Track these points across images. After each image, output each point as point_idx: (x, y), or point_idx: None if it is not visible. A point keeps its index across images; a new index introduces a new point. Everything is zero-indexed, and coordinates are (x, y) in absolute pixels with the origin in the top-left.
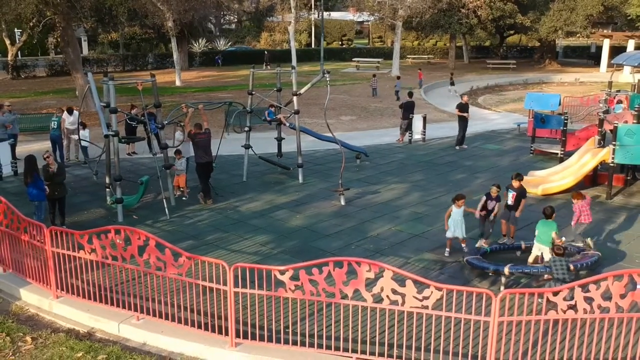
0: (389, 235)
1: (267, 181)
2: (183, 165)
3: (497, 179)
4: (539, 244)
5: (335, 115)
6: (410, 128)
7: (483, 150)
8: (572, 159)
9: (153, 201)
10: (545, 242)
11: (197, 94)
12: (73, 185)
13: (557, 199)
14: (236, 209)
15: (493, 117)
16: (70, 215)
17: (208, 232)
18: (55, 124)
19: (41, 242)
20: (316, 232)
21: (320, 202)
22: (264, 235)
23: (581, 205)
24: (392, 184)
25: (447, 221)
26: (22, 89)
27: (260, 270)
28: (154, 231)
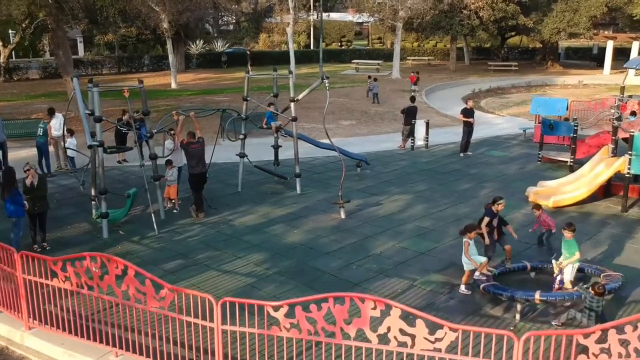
0: (392, 254)
1: (263, 191)
2: (174, 175)
3: (504, 189)
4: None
5: (334, 120)
6: (412, 134)
7: (488, 158)
8: (585, 168)
9: (141, 214)
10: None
11: (192, 97)
12: (58, 196)
13: (570, 211)
14: (229, 223)
15: (497, 122)
16: (53, 230)
17: (199, 249)
18: (41, 131)
19: (11, 267)
20: (314, 249)
21: (319, 215)
22: (259, 254)
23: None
24: (395, 195)
25: (472, 258)
26: (14, 92)
27: (251, 305)
28: (141, 248)
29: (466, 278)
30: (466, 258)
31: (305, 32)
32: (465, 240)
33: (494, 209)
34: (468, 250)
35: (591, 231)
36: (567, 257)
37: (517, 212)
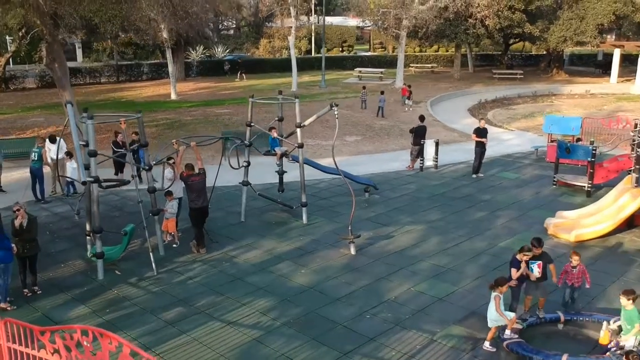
0: (408, 299)
1: (267, 221)
2: (174, 208)
3: (521, 220)
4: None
5: (339, 135)
6: (421, 154)
7: (501, 180)
8: (608, 199)
9: (139, 249)
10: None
11: (192, 110)
12: (52, 226)
13: (592, 245)
14: (233, 261)
15: (507, 137)
16: (45, 269)
17: (200, 294)
18: (36, 156)
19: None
20: (324, 293)
21: (327, 251)
22: (265, 299)
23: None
24: (406, 225)
25: (504, 314)
26: (10, 104)
27: None
28: (138, 292)
29: (492, 335)
30: (496, 314)
31: (306, 37)
32: (496, 295)
33: (518, 257)
34: (500, 306)
35: (617, 271)
36: (628, 329)
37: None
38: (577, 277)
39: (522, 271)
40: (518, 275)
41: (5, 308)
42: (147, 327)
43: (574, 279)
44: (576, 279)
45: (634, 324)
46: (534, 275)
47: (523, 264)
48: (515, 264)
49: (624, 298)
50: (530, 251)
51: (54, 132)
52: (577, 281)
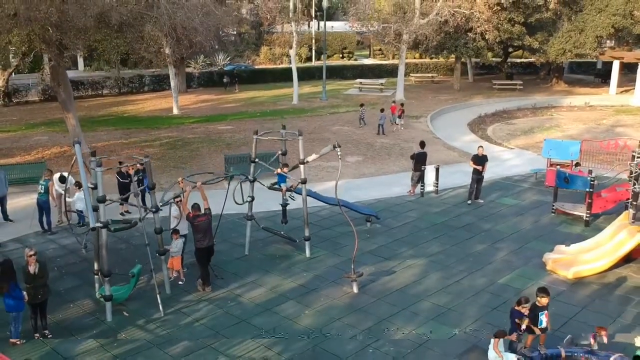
0: (410, 341)
1: (270, 254)
2: (179, 246)
3: (520, 253)
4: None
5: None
6: (422, 180)
7: (500, 207)
8: (605, 234)
9: (146, 286)
10: None
11: (194, 126)
12: (59, 262)
13: (590, 282)
14: (238, 300)
15: (506, 157)
16: (55, 310)
17: (206, 337)
18: (43, 188)
19: None
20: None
21: (330, 289)
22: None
23: None
24: (408, 260)
25: (503, 354)
26: (13, 120)
27: None
28: (145, 336)
29: None
30: (494, 353)
31: (307, 45)
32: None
33: (517, 309)
34: (497, 345)
35: (614, 311)
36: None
37: (534, 284)
38: None
39: (526, 324)
40: (524, 326)
41: (15, 343)
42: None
43: None
44: None
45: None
46: (541, 327)
47: (525, 321)
48: (517, 315)
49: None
50: (527, 302)
51: (61, 168)
52: None
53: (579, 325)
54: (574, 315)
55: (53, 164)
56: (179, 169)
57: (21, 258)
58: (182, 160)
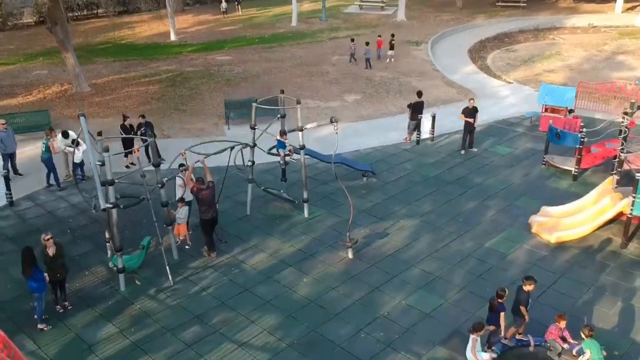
0: (399, 315)
1: (270, 214)
2: (185, 214)
3: (508, 211)
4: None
5: (339, 93)
6: (418, 128)
7: (493, 158)
8: (588, 198)
9: (155, 252)
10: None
11: (193, 57)
12: (71, 223)
13: (571, 247)
14: (241, 266)
15: (504, 93)
16: (71, 277)
17: (214, 309)
18: (44, 147)
19: None
20: (324, 308)
21: (327, 254)
22: (272, 316)
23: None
24: (401, 220)
25: (477, 356)
26: (10, 49)
27: None
28: (157, 307)
29: None
30: (471, 354)
31: None
32: (474, 338)
33: (525, 289)
34: (475, 348)
35: (589, 279)
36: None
37: (518, 249)
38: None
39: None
40: (525, 308)
41: (42, 329)
42: (170, 349)
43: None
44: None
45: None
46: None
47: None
48: (523, 297)
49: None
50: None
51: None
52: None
53: (555, 296)
54: (552, 283)
55: (55, 105)
56: (179, 111)
57: (33, 219)
58: (182, 101)
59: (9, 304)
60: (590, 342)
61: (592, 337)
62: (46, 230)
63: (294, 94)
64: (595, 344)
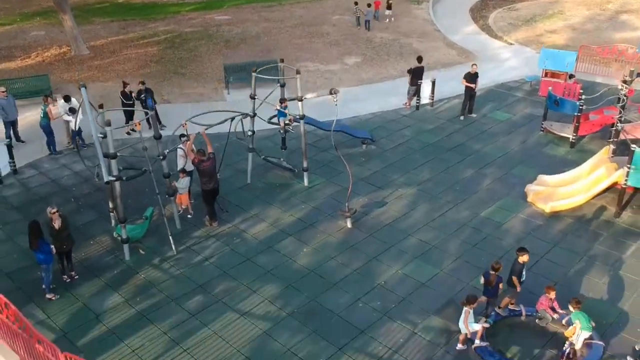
0: (395, 284)
1: (271, 182)
2: (186, 183)
3: (505, 180)
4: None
5: (339, 55)
6: (418, 94)
7: (492, 124)
8: (584, 167)
9: (158, 221)
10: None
11: (191, 16)
12: (75, 192)
13: (566, 216)
14: (242, 236)
15: (504, 56)
16: (77, 247)
17: (216, 279)
18: (42, 113)
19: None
20: (324, 278)
21: (326, 224)
22: (272, 285)
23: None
24: (399, 189)
25: (470, 327)
26: (6, 8)
27: None
28: (162, 277)
29: (462, 338)
30: (463, 325)
31: None
32: (467, 310)
33: (520, 260)
34: (467, 319)
35: (582, 248)
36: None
37: (514, 218)
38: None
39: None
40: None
41: (50, 298)
42: (174, 318)
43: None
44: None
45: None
46: (522, 280)
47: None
48: (518, 267)
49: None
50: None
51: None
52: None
53: (548, 265)
54: (546, 253)
55: (54, 69)
56: (179, 75)
57: (37, 187)
58: (182, 64)
59: (17, 274)
60: (578, 313)
61: (580, 309)
62: (51, 202)
63: (294, 56)
64: (583, 316)
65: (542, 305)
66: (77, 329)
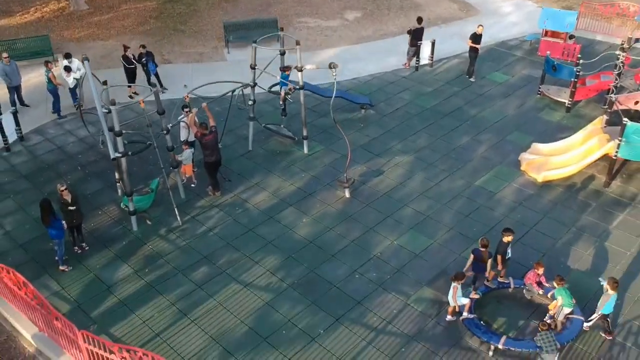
0: (390, 256)
1: (272, 150)
2: (188, 154)
3: (499, 147)
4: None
5: (339, 9)
6: (417, 54)
7: (490, 86)
8: (577, 137)
9: (163, 189)
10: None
11: None
12: (81, 159)
13: (557, 185)
14: (244, 205)
15: (506, 10)
16: (86, 218)
17: (220, 250)
18: (46, 78)
19: (74, 337)
20: (322, 248)
21: (325, 193)
22: (273, 256)
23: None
24: (396, 157)
25: (458, 301)
26: None
27: None
28: (168, 248)
29: (451, 310)
30: (451, 300)
31: None
32: (455, 286)
33: (504, 240)
34: (456, 294)
35: (570, 219)
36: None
37: (507, 187)
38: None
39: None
40: (501, 258)
41: (64, 270)
42: (181, 290)
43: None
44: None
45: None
46: (508, 257)
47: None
48: (503, 247)
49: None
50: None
51: None
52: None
53: (537, 237)
54: (535, 224)
55: (54, 25)
56: (178, 32)
57: (44, 155)
58: (181, 20)
59: (30, 245)
60: (561, 289)
61: (564, 286)
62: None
63: (294, 11)
64: (566, 292)
65: (530, 279)
66: (90, 300)
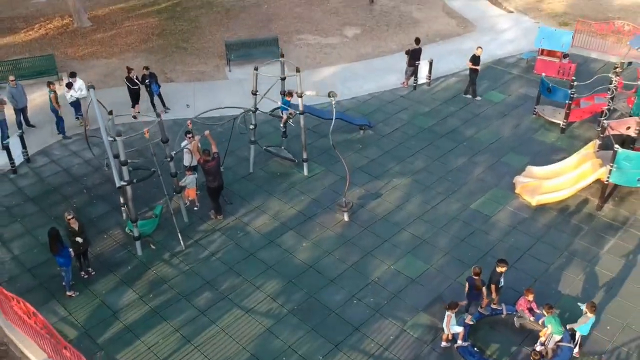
0: (388, 281)
1: (272, 172)
2: (191, 180)
3: (495, 169)
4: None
5: (338, 26)
6: (415, 74)
7: (487, 106)
8: (571, 161)
9: (166, 214)
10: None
11: None
12: (86, 182)
13: (551, 208)
14: (245, 230)
15: (503, 26)
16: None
17: (222, 275)
18: (49, 99)
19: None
20: (321, 274)
21: (324, 217)
22: (274, 281)
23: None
24: (394, 179)
25: (451, 330)
26: None
27: None
28: (172, 273)
29: (445, 337)
30: (446, 328)
31: None
32: (449, 314)
33: (498, 270)
34: (449, 323)
35: (563, 243)
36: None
37: (502, 210)
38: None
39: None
40: (495, 286)
41: (71, 295)
42: (185, 315)
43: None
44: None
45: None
46: (500, 286)
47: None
48: (497, 277)
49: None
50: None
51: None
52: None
53: (531, 262)
54: (528, 249)
55: (58, 43)
56: (180, 49)
57: (50, 177)
58: (183, 37)
59: (38, 270)
60: (551, 318)
61: (553, 314)
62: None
63: (294, 28)
64: (555, 320)
65: (521, 306)
66: (97, 326)
